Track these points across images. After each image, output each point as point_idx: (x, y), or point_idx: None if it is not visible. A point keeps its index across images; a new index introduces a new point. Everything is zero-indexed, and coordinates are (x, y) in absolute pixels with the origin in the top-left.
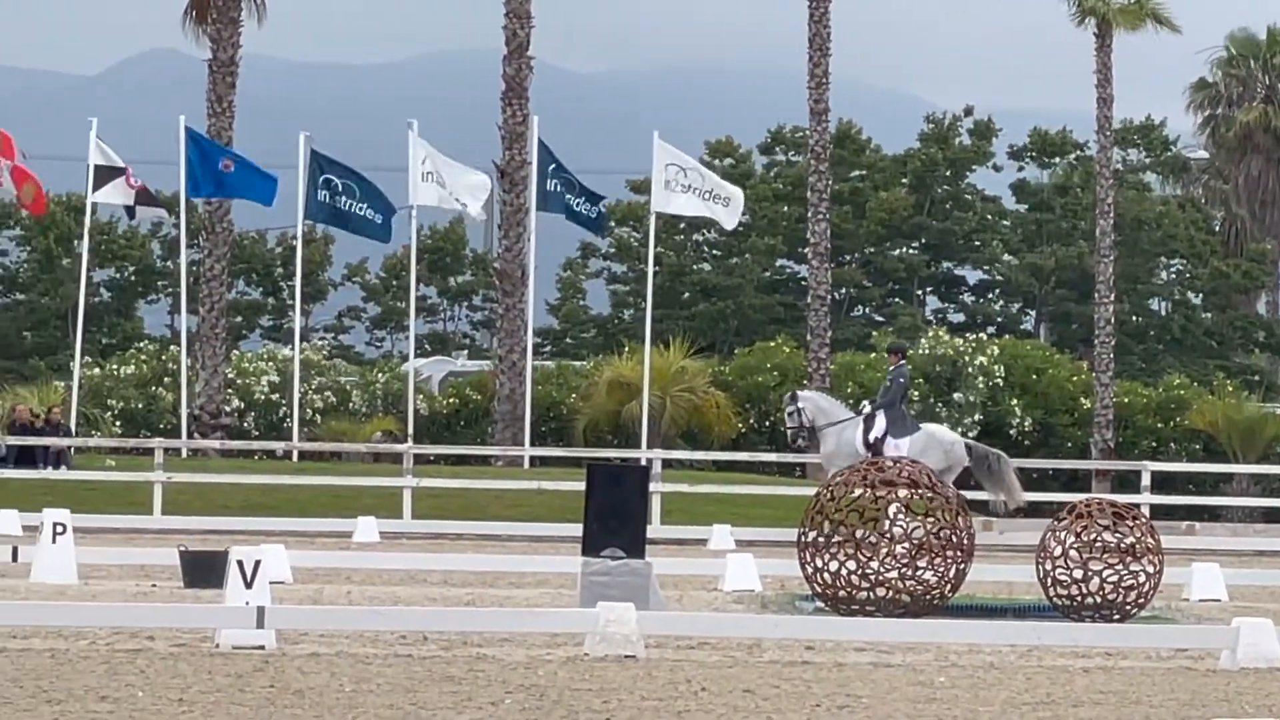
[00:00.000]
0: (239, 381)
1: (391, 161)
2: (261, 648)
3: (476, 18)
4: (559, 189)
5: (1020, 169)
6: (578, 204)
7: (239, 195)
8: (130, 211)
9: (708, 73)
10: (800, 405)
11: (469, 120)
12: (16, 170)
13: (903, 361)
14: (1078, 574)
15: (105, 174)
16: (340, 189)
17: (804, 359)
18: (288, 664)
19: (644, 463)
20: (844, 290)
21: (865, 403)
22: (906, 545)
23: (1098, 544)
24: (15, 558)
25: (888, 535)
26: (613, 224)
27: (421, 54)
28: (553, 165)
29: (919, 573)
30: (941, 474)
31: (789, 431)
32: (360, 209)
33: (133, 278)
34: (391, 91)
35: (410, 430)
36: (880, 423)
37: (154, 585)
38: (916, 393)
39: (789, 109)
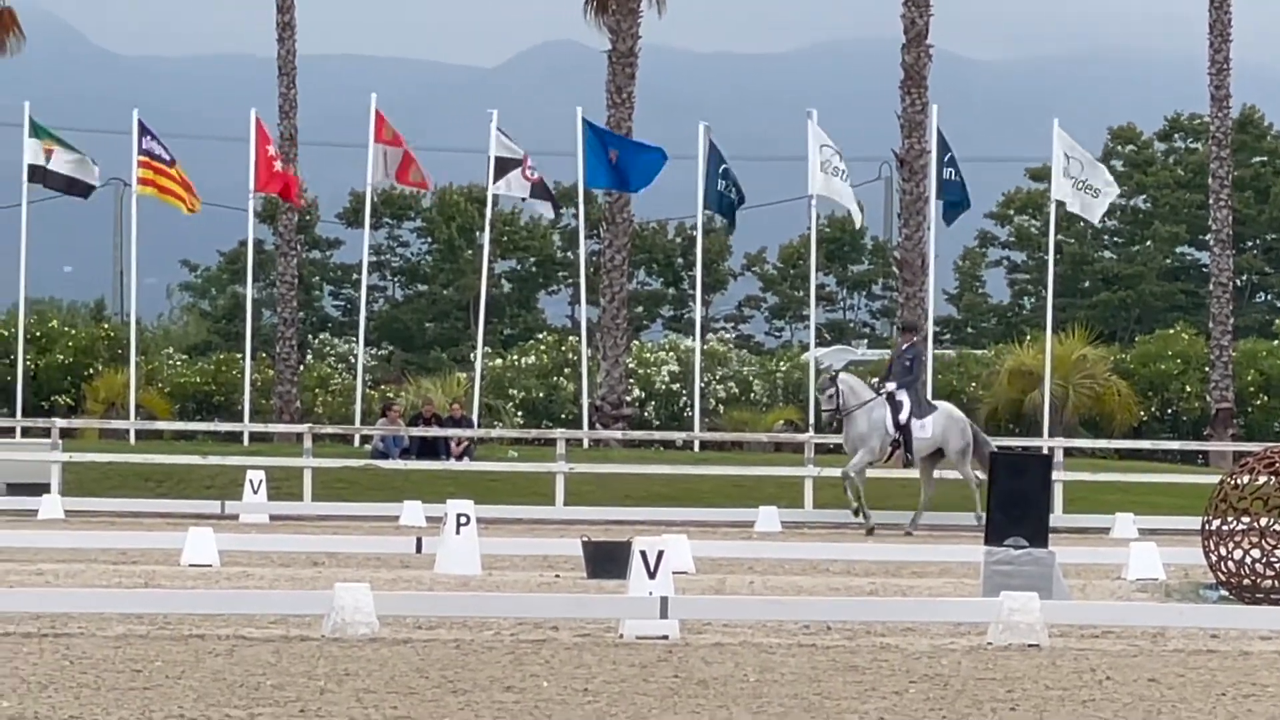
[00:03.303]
0: (640, 372)
1: (789, 150)
2: (665, 638)
3: (873, 6)
4: (953, 176)
5: None
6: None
7: (625, 189)
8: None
9: (1110, 59)
10: (840, 387)
11: (867, 109)
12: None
13: (916, 339)
14: None
15: (505, 165)
16: (731, 179)
17: (1205, 346)
18: (691, 654)
19: (1046, 451)
20: (1245, 277)
21: (878, 380)
22: None
23: None
24: (419, 549)
25: None
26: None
27: (818, 43)
28: (947, 155)
29: None
30: (963, 452)
31: (826, 414)
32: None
33: (533, 268)
34: (789, 81)
35: (811, 420)
36: (906, 404)
37: (557, 576)
38: None
39: (1190, 95)
